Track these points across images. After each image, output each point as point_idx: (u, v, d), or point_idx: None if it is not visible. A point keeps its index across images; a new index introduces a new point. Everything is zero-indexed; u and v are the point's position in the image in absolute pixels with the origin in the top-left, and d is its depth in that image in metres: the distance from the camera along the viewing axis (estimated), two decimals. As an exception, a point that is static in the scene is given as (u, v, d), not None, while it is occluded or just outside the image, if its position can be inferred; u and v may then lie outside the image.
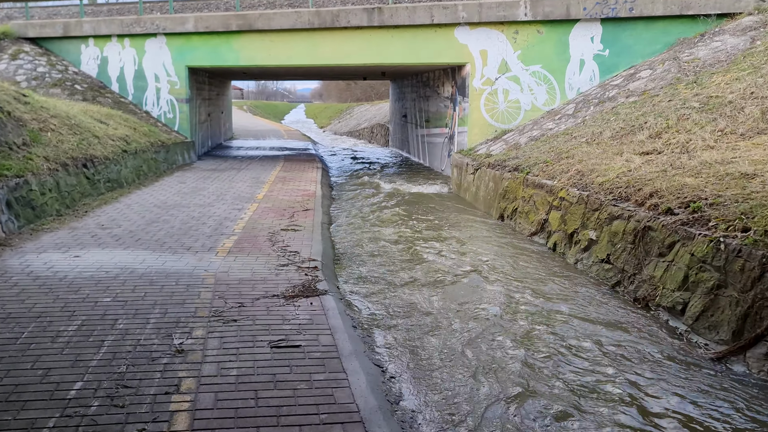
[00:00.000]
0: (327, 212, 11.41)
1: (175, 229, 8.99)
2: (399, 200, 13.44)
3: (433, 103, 19.75)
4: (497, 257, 8.50)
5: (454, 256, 8.56)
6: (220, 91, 26.98)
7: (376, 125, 34.32)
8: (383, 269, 7.97)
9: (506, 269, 7.92)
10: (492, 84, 15.71)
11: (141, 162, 14.06)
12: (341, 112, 60.32)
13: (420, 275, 7.67)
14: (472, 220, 11.18)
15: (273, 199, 11.84)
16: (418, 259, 8.41)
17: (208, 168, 17.11)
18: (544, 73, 15.38)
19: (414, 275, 7.68)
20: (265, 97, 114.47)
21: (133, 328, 5.13)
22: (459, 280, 7.43)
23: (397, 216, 11.49)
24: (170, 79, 18.44)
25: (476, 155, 14.10)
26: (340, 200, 13.70)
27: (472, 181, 12.98)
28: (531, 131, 13.60)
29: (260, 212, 10.51)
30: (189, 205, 10.96)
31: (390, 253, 8.77)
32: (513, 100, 15.65)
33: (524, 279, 7.49)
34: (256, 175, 15.73)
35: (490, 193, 11.71)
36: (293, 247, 8.06)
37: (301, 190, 13.26)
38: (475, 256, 8.60)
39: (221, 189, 13.03)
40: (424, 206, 12.71)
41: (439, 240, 9.55)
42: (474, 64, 15.76)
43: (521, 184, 10.30)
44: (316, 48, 16.87)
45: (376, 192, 14.68)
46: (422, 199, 13.70)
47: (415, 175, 17.92)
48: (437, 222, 10.98)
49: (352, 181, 16.95)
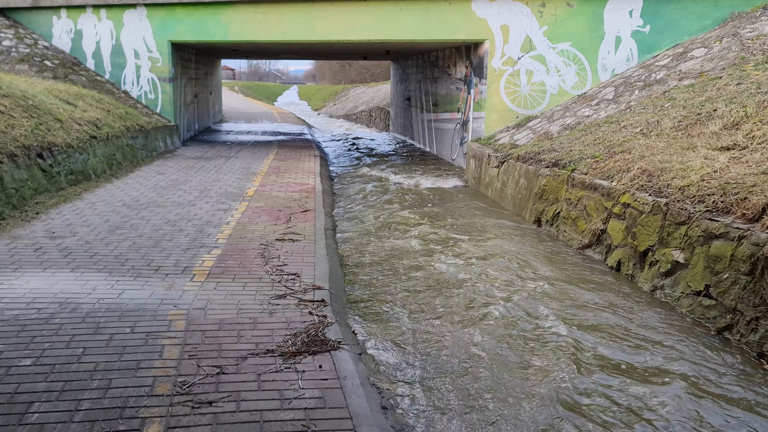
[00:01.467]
0: (330, 214, 9.65)
1: (144, 238, 7.21)
2: (410, 197, 11.68)
3: (442, 85, 17.93)
4: (547, 280, 6.78)
5: (494, 277, 6.84)
6: (209, 70, 24.98)
7: (374, 108, 32.42)
8: (410, 299, 6.23)
9: (562, 298, 6.20)
10: (514, 64, 13.90)
11: (114, 150, 12.22)
12: (336, 94, 58.35)
13: (460, 308, 5.93)
14: (502, 225, 9.45)
15: (266, 196, 10.07)
16: (451, 283, 6.68)
17: (193, 156, 15.28)
18: (574, 52, 13.58)
19: (452, 308, 5.94)
20: (258, 77, 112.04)
21: (50, 424, 3.39)
22: (510, 316, 5.72)
23: (413, 219, 9.75)
24: (151, 55, 16.54)
25: (499, 145, 12.35)
26: (342, 197, 11.93)
27: (496, 176, 11.24)
28: (563, 118, 11.83)
29: (250, 214, 8.75)
30: (166, 204, 9.17)
31: (413, 274, 7.04)
32: (537, 82, 13.86)
33: (593, 316, 5.79)
34: (246, 164, 13.93)
35: (521, 191, 9.97)
36: (292, 267, 6.32)
37: (298, 183, 11.48)
38: (518, 277, 6.89)
39: (206, 182, 11.24)
40: (442, 205, 10.97)
41: (470, 254, 7.83)
42: (493, 42, 13.94)
43: (564, 183, 8.57)
44: (314, 22, 14.99)
45: (382, 186, 12.92)
46: (437, 196, 11.95)
47: (423, 166, 16.15)
48: (462, 227, 9.25)
49: (355, 172, 15.17)
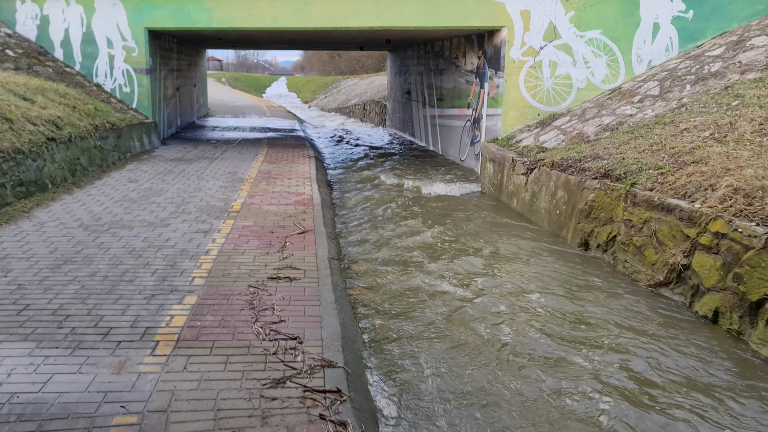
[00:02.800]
0: (333, 234, 8.01)
1: (98, 279, 5.57)
2: (422, 209, 10.09)
3: (449, 77, 16.31)
4: (624, 335, 5.22)
5: (557, 331, 5.27)
6: (193, 60, 23.18)
7: (369, 102, 30.73)
8: (455, 380, 4.64)
9: (654, 369, 4.64)
10: (535, 54, 12.31)
11: (78, 153, 10.51)
12: (326, 86, 56.58)
13: (532, 393, 4.36)
14: (540, 248, 7.86)
15: (255, 212, 8.43)
16: (504, 345, 5.10)
17: (173, 157, 13.58)
18: (605, 40, 11.99)
19: (523, 393, 4.37)
20: (246, 69, 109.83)
21: None
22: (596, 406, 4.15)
23: (431, 240, 8.15)
24: (126, 44, 14.79)
25: (523, 148, 10.76)
26: (344, 208, 10.31)
27: (524, 185, 9.65)
28: (599, 117, 10.25)
29: (236, 237, 7.11)
30: (133, 224, 7.52)
31: (451, 330, 5.45)
32: (562, 75, 12.26)
33: (706, 399, 4.23)
34: (233, 168, 12.26)
35: (559, 206, 8.39)
36: (291, 324, 4.71)
37: (292, 193, 9.84)
38: (583, 327, 5.32)
39: (185, 192, 9.58)
40: (461, 220, 9.37)
41: (514, 293, 6.24)
42: (512, 29, 12.32)
43: (621, 200, 7.00)
44: (309, 7, 13.32)
45: (388, 193, 11.31)
46: (452, 207, 10.36)
47: (429, 168, 14.54)
48: (493, 252, 7.66)
49: (355, 176, 13.53)
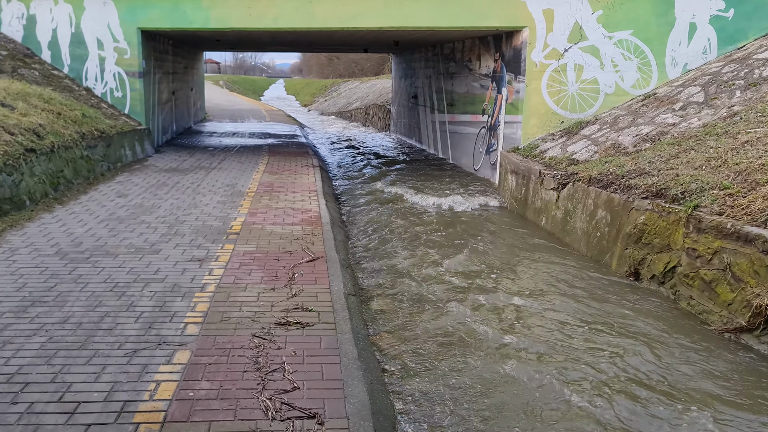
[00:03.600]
0: (346, 262, 7.03)
1: (69, 327, 4.61)
2: (440, 227, 9.14)
3: (460, 81, 15.38)
4: (708, 403, 4.28)
5: (630, 392, 4.33)
6: (190, 63, 22.24)
7: (371, 106, 29.80)
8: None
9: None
10: (559, 57, 11.38)
11: (61, 165, 9.55)
12: (326, 89, 55.70)
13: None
14: (579, 277, 6.90)
15: (257, 233, 7.48)
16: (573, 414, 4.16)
17: (167, 167, 12.62)
18: (636, 42, 11.07)
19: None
20: (244, 71, 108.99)
21: None
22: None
23: (459, 269, 7.20)
24: (118, 45, 13.85)
25: (549, 159, 9.83)
26: (355, 227, 9.36)
27: (554, 202, 8.72)
28: (635, 126, 9.32)
29: (237, 267, 6.16)
30: (118, 250, 6.56)
31: (503, 390, 4.50)
32: (589, 79, 11.34)
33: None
34: (232, 179, 11.30)
35: (600, 227, 7.45)
36: (307, 394, 3.75)
37: (298, 209, 8.90)
38: (660, 388, 4.39)
39: (179, 209, 8.63)
40: (486, 241, 8.43)
41: (566, 339, 5.29)
42: (534, 30, 11.40)
43: (681, 226, 6.06)
44: (312, 6, 12.39)
45: (401, 209, 10.36)
46: (474, 225, 9.42)
47: (441, 178, 13.61)
48: (530, 284, 6.72)
49: (363, 187, 12.57)
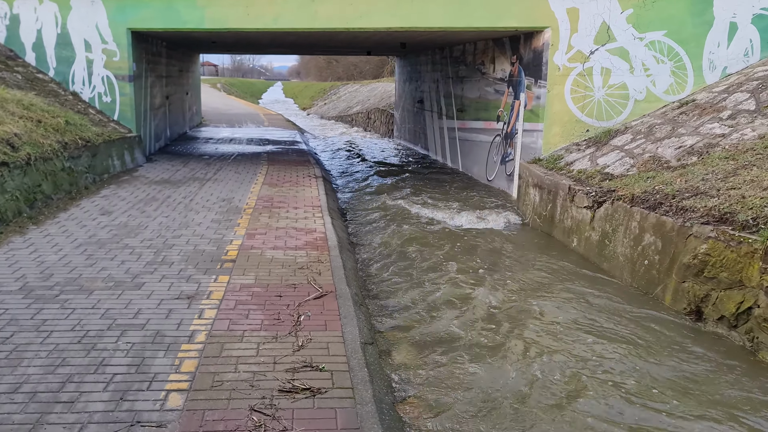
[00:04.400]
0: (359, 298, 6.07)
1: (20, 398, 3.64)
2: (463, 253, 8.21)
3: (472, 86, 14.47)
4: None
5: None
6: (185, 66, 21.31)
7: (373, 110, 28.88)
8: None
9: None
10: (585, 60, 10.47)
11: (38, 178, 8.60)
12: (324, 92, 54.82)
13: None
14: (630, 314, 5.97)
15: (256, 261, 6.54)
16: None
17: (158, 178, 11.67)
18: (669, 43, 10.16)
19: None
20: (242, 74, 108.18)
21: None
22: None
23: (489, 303, 6.27)
24: (107, 47, 12.94)
25: (578, 173, 8.90)
26: (365, 249, 8.41)
27: (589, 222, 7.79)
28: (675, 137, 8.40)
29: (232, 307, 5.22)
30: (93, 286, 5.62)
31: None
32: (617, 84, 10.43)
33: None
34: (228, 192, 10.37)
35: (648, 254, 6.52)
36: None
37: (301, 230, 7.96)
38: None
39: (168, 230, 7.68)
40: (516, 269, 7.50)
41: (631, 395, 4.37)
42: (557, 30, 10.49)
43: (758, 259, 5.14)
44: (315, 5, 11.48)
45: (415, 227, 9.42)
46: (497, 247, 8.49)
47: (453, 189, 12.68)
48: (573, 323, 5.79)
49: (370, 201, 11.62)
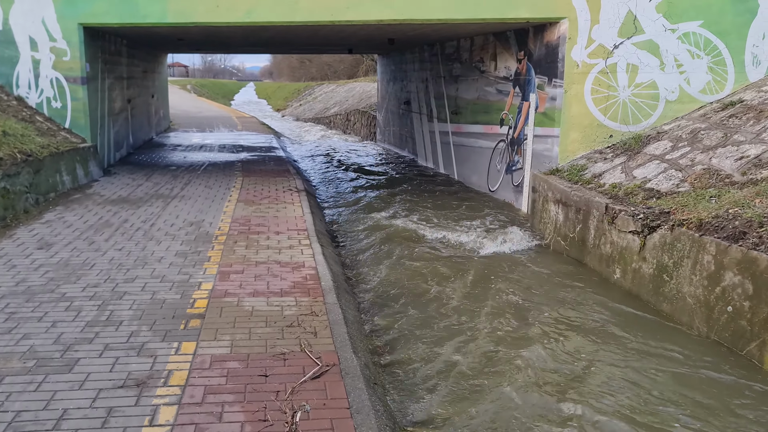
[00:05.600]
0: (371, 371, 4.59)
1: None
2: (480, 288, 6.80)
3: (469, 86, 13.07)
4: None
5: None
6: (149, 66, 19.59)
7: (353, 112, 27.38)
8: None
9: None
10: (607, 55, 9.13)
11: (-41, 206, 6.99)
12: (299, 93, 53.20)
13: None
14: (714, 379, 4.62)
15: (232, 316, 5.03)
16: None
17: (115, 196, 10.06)
18: (706, 35, 8.87)
19: None
20: (213, 75, 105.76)
21: None
22: None
23: (531, 365, 4.86)
24: (55, 45, 11.30)
25: (612, 188, 7.54)
26: (365, 290, 6.92)
27: (638, 251, 6.42)
28: (733, 145, 7.08)
29: (199, 401, 3.70)
30: (6, 366, 4.07)
31: None
32: (645, 83, 9.11)
33: None
34: (197, 213, 8.81)
35: (730, 298, 5.16)
36: None
37: (286, 265, 6.45)
38: None
39: (120, 270, 6.12)
40: (555, 311, 6.09)
41: None
42: (575, 21, 9.15)
43: None
44: (295, -6, 10.00)
45: (418, 256, 7.97)
46: (519, 277, 7.08)
47: (452, 202, 11.25)
48: (655, 395, 4.41)
49: (362, 220, 10.12)
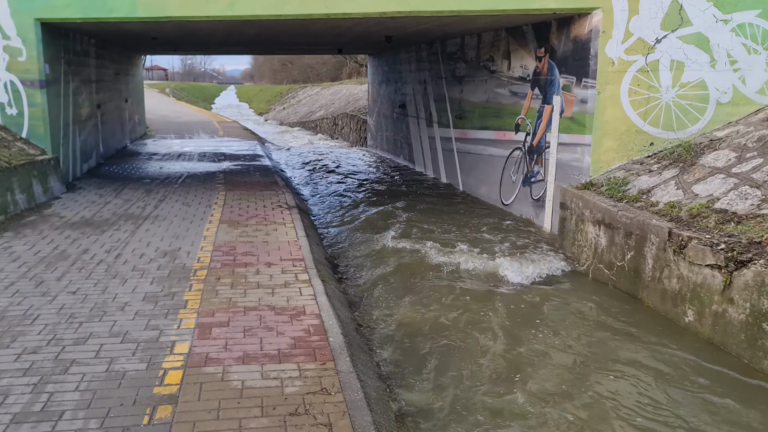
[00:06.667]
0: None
1: None
2: (522, 338, 5.52)
3: (476, 87, 11.81)
4: None
5: None
6: (123, 68, 18.09)
7: (341, 116, 26.02)
8: None
9: None
10: (648, 51, 7.91)
11: None
12: (282, 96, 51.75)
13: None
14: None
15: (215, 397, 3.67)
16: None
17: (77, 218, 8.64)
18: (765, 27, 7.68)
19: None
20: (193, 78, 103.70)
21: None
22: None
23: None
24: (9, 44, 9.93)
25: (670, 207, 6.30)
26: (385, 344, 5.60)
27: (720, 291, 5.18)
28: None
29: None
30: None
31: None
32: (692, 82, 7.90)
33: None
34: (171, 239, 7.44)
35: None
36: None
37: (283, 312, 5.11)
38: None
39: (70, 325, 4.74)
40: (629, 371, 4.83)
41: None
42: (610, 12, 7.91)
43: None
44: (284, -16, 8.68)
45: (438, 292, 6.66)
46: (560, 319, 5.82)
47: (465, 218, 9.97)
48: None
49: (364, 243, 8.76)
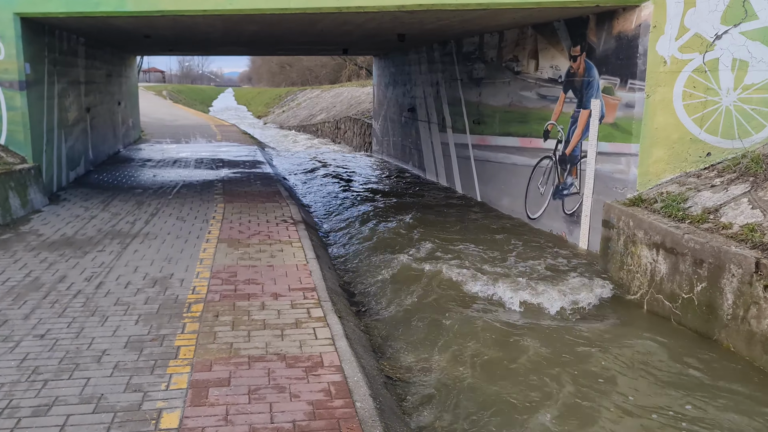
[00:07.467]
0: None
1: None
2: (582, 395, 4.56)
3: (497, 90, 10.86)
4: None
5: None
6: (115, 69, 17.11)
7: (344, 119, 25.08)
8: None
9: None
10: (706, 49, 6.97)
11: None
12: (281, 99, 50.89)
13: None
14: None
15: None
16: None
17: (57, 235, 7.66)
18: (843, 22, 6.78)
19: None
20: (191, 80, 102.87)
21: None
22: None
23: None
24: (-15, 42, 9.00)
25: (752, 232, 5.36)
26: (416, 402, 4.62)
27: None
28: None
29: None
30: None
31: None
32: (757, 84, 6.95)
33: None
34: (162, 264, 6.47)
35: None
36: None
37: (295, 362, 4.15)
38: None
39: (31, 384, 3.76)
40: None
41: None
42: (663, 5, 6.97)
43: None
44: (291, -26, 7.75)
45: (470, 325, 5.71)
46: (626, 370, 4.87)
47: (484, 234, 9.01)
48: None
49: (381, 265, 7.75)
